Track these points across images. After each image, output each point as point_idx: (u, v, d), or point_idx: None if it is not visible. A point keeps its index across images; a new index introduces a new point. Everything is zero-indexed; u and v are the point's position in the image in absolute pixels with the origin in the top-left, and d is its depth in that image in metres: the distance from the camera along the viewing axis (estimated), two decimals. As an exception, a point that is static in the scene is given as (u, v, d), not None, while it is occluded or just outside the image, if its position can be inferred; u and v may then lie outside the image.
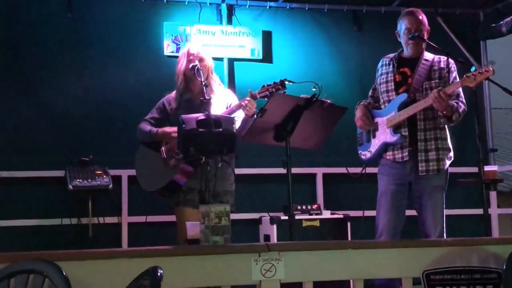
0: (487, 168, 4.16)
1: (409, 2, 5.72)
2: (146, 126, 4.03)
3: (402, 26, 4.03)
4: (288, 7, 5.91)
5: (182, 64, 4.04)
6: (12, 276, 2.28)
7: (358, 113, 4.11)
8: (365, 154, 4.12)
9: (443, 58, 3.99)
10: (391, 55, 4.13)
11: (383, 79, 4.08)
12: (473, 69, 3.70)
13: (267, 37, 5.84)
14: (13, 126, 5.21)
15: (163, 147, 3.95)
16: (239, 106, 3.90)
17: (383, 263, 2.95)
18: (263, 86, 3.87)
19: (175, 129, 3.83)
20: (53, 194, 5.10)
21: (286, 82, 3.76)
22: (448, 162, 3.96)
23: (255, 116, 3.63)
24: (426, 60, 3.99)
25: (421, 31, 3.96)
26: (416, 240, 3.67)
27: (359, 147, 4.19)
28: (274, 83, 3.83)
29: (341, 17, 6.01)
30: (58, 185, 4.96)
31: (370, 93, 4.24)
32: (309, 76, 3.86)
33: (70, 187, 4.68)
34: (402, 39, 4.05)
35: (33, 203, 5.11)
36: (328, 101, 3.58)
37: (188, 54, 4.03)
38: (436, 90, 3.71)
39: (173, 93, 4.09)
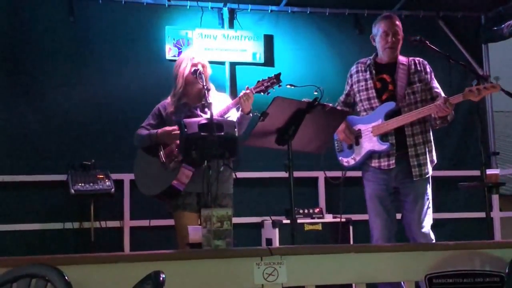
0: (489, 171, 4.15)
1: (410, 6, 5.74)
2: (144, 131, 4.03)
3: (379, 30, 4.03)
4: (289, 11, 5.91)
5: (184, 68, 4.03)
6: (15, 281, 2.27)
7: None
8: (348, 161, 4.10)
9: (417, 60, 4.04)
10: (365, 60, 4.13)
11: (361, 86, 4.07)
12: (475, 82, 3.69)
13: (268, 41, 5.85)
14: (15, 130, 5.21)
15: (161, 152, 3.95)
16: (236, 103, 3.91)
17: (386, 267, 2.94)
18: (258, 81, 3.89)
19: (175, 127, 3.84)
20: (55, 198, 5.10)
21: (289, 86, 3.75)
22: (433, 164, 3.99)
23: (258, 119, 3.62)
24: (403, 64, 4.00)
25: (398, 37, 3.97)
26: (418, 244, 3.67)
27: (339, 154, 4.17)
28: (269, 77, 3.86)
29: (342, 21, 6.02)
30: (60, 189, 4.96)
31: (341, 99, 4.20)
32: (311, 79, 3.86)
33: (72, 191, 4.67)
34: (378, 43, 4.04)
35: (35, 208, 5.12)
36: (330, 104, 3.58)
37: (192, 60, 4.04)
38: (442, 100, 3.71)
39: (168, 99, 4.08)
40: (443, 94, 3.94)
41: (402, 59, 4.04)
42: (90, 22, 5.49)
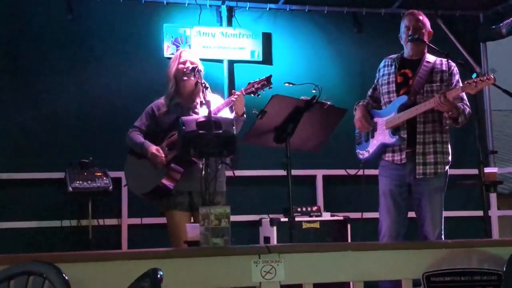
0: (487, 170, 4.14)
1: (409, 4, 5.72)
2: (139, 137, 4.01)
3: (402, 26, 4.05)
4: (288, 9, 5.91)
5: (172, 67, 4.04)
6: (12, 278, 2.27)
7: (357, 114, 4.11)
8: (363, 154, 4.13)
9: (445, 61, 4.00)
10: (394, 55, 4.14)
11: (384, 80, 4.08)
12: (474, 75, 3.70)
13: (267, 39, 5.85)
14: (13, 128, 5.21)
15: None
16: (227, 104, 3.90)
17: (383, 265, 2.94)
18: (249, 83, 3.89)
19: (163, 157, 3.85)
20: (53, 196, 5.10)
21: (287, 84, 3.75)
22: (446, 166, 3.96)
23: (256, 117, 3.62)
24: (428, 62, 3.99)
25: (420, 31, 3.96)
26: (416, 242, 3.68)
27: (357, 146, 4.20)
28: (259, 79, 3.86)
29: (341, 19, 6.02)
30: (58, 187, 4.96)
31: (369, 93, 4.23)
32: (309, 78, 3.86)
33: (70, 189, 4.67)
34: (402, 39, 4.06)
35: (33, 205, 5.12)
36: (328, 103, 3.58)
37: (180, 57, 4.04)
38: (439, 94, 3.72)
39: (162, 99, 4.08)
40: (465, 101, 3.92)
41: (429, 57, 4.03)
42: (88, 19, 5.48)
